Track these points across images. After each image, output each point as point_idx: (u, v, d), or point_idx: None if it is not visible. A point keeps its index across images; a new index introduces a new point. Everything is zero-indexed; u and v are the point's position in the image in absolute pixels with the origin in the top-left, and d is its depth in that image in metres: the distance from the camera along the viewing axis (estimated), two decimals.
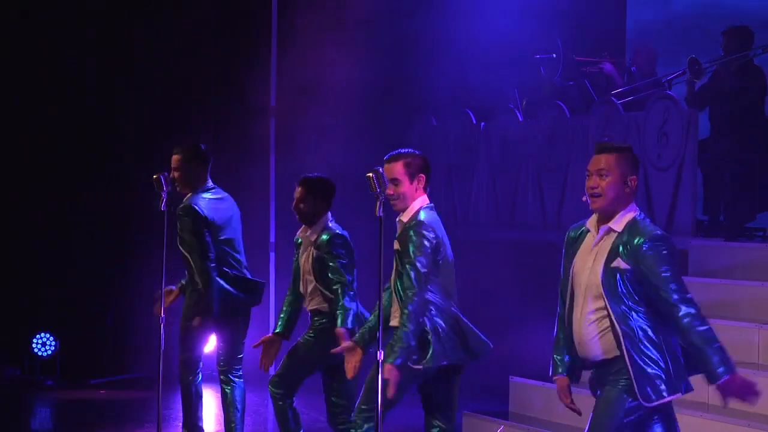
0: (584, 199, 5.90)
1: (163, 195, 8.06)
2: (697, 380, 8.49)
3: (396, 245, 6.84)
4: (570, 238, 6.03)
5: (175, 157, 8.74)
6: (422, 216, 6.81)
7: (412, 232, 6.75)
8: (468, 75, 12.93)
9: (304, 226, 8.16)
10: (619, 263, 5.71)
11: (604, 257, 5.76)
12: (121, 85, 13.03)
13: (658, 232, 5.76)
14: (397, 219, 6.91)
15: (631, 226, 5.78)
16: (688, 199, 10.15)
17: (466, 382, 6.76)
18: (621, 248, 5.72)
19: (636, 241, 5.71)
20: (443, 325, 6.79)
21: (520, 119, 12.14)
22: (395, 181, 6.84)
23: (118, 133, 12.96)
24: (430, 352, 6.71)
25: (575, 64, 11.92)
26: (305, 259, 8.11)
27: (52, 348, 12.62)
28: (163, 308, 8.14)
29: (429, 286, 6.77)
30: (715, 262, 9.69)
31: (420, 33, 13.09)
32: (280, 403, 8.07)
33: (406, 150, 7.01)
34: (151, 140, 12.83)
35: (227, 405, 8.62)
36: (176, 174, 8.66)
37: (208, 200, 8.61)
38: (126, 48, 13.02)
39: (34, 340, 12.60)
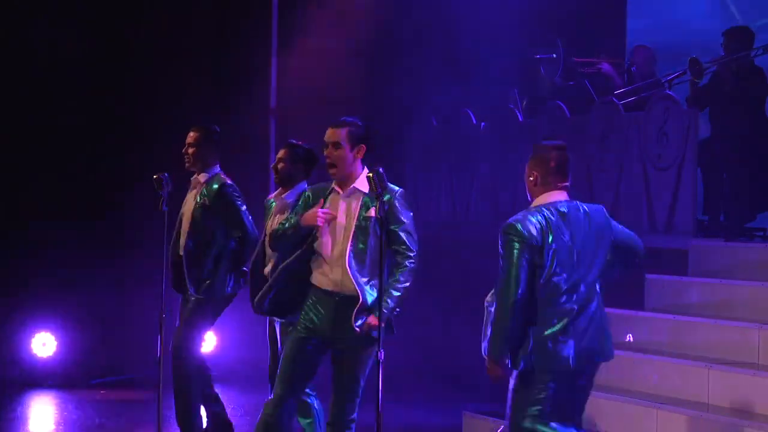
0: None
1: (164, 195, 8.07)
2: (696, 380, 8.52)
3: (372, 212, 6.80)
4: None
5: (192, 134, 8.81)
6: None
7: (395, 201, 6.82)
8: (468, 75, 12.92)
9: (280, 189, 8.24)
10: None
11: None
12: (120, 85, 13.02)
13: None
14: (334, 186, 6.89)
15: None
16: (688, 199, 10.15)
17: (467, 382, 6.76)
18: None
19: None
20: None
21: (520, 119, 12.13)
22: (336, 145, 6.88)
23: (118, 133, 12.95)
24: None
25: (574, 65, 11.93)
26: (276, 222, 8.15)
27: (52, 348, 12.62)
28: (162, 309, 8.15)
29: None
30: (715, 262, 9.69)
31: (420, 33, 13.10)
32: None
33: (351, 118, 7.04)
34: (151, 140, 12.82)
35: None
36: (191, 150, 8.75)
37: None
38: (125, 48, 13.02)
39: (34, 340, 12.60)
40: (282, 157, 8.32)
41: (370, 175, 6.50)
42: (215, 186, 8.59)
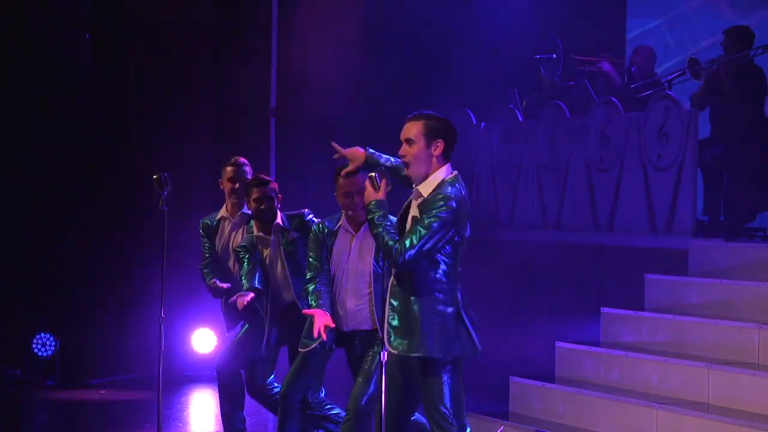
0: None
1: (164, 195, 8.06)
2: (696, 380, 8.52)
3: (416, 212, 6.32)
4: None
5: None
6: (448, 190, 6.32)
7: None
8: (468, 74, 12.92)
9: (258, 225, 8.24)
10: None
11: None
12: (121, 85, 13.02)
13: None
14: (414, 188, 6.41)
15: None
16: (688, 199, 10.14)
17: (466, 382, 6.76)
18: None
19: None
20: (449, 310, 6.31)
21: (520, 119, 12.13)
22: (409, 141, 6.39)
23: (117, 133, 12.95)
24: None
25: (574, 64, 11.92)
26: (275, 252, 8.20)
27: (52, 348, 12.61)
28: (162, 309, 8.14)
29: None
30: (715, 262, 9.68)
31: (420, 33, 13.09)
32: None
33: (429, 112, 6.51)
34: (151, 140, 12.83)
35: None
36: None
37: None
38: (125, 48, 13.02)
39: (34, 340, 12.60)
40: (260, 197, 8.24)
41: (372, 174, 6.41)
42: None
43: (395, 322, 6.33)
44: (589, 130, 11.14)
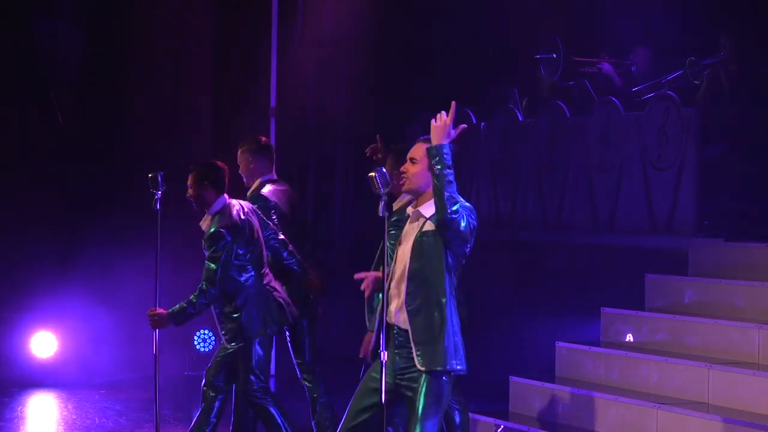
0: None
1: (157, 194, 8.05)
2: (696, 380, 8.50)
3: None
4: None
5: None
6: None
7: None
8: (468, 74, 12.91)
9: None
10: None
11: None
12: (121, 85, 13.02)
13: None
14: (398, 205, 6.63)
15: None
16: (688, 199, 10.14)
17: (467, 382, 6.74)
18: None
19: None
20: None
21: (520, 119, 12.12)
22: (414, 161, 6.60)
23: (118, 133, 12.95)
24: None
25: (574, 65, 11.91)
26: None
27: (53, 348, 12.61)
28: (158, 306, 8.13)
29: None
30: (715, 262, 9.68)
31: (420, 33, 13.09)
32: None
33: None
34: (151, 140, 12.82)
35: None
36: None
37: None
38: (126, 47, 13.02)
39: (34, 340, 12.59)
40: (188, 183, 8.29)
41: (372, 174, 6.41)
42: None
43: (420, 336, 6.38)
44: (589, 130, 11.13)
